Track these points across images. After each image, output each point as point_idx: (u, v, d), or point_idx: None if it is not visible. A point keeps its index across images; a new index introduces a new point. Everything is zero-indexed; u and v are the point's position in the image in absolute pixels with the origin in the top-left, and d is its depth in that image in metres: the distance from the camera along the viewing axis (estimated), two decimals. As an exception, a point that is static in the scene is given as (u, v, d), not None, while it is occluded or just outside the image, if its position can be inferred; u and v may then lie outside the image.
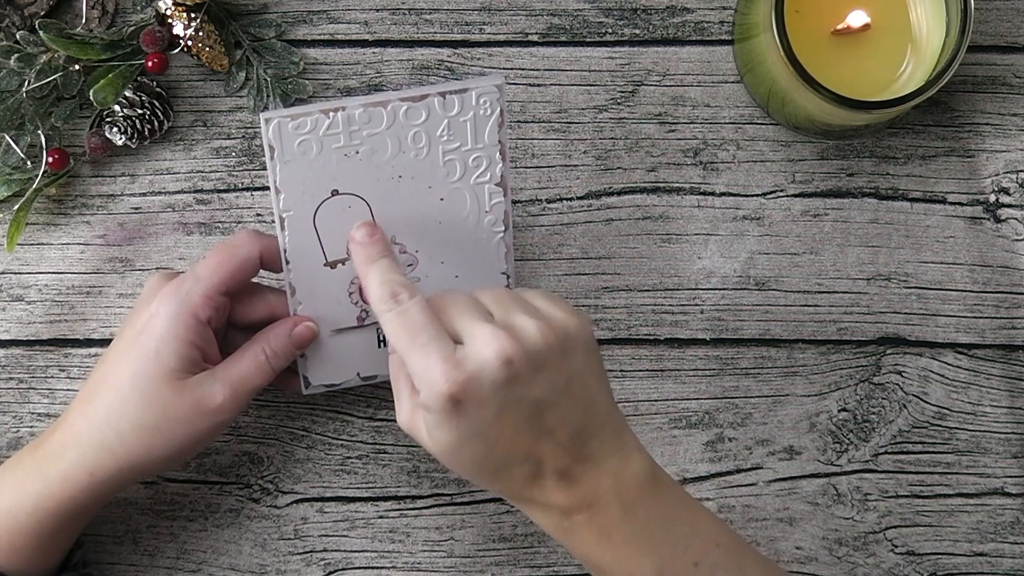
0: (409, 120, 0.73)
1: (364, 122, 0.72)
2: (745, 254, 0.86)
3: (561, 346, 0.67)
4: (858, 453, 0.86)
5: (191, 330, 0.73)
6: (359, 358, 0.79)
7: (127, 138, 0.82)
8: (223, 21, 0.84)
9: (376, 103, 0.72)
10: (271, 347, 0.75)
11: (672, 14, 0.86)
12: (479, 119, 0.74)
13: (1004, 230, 0.86)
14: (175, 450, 0.73)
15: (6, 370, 0.84)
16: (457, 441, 0.66)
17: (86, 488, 0.73)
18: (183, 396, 0.72)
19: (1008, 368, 0.86)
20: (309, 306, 0.77)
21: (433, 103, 0.73)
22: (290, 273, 0.76)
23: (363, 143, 0.73)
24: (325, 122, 0.72)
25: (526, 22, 0.86)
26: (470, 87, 0.73)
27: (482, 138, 0.74)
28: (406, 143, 0.74)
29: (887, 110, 0.78)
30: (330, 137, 0.73)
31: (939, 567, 0.85)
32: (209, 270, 0.74)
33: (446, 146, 0.74)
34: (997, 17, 0.87)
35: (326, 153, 0.73)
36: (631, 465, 0.68)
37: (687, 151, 0.86)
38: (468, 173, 0.75)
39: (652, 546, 0.68)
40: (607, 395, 0.69)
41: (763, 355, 0.86)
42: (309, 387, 0.79)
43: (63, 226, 0.84)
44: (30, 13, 0.83)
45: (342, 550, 0.84)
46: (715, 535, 0.70)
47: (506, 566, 0.85)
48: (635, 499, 0.68)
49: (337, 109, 0.72)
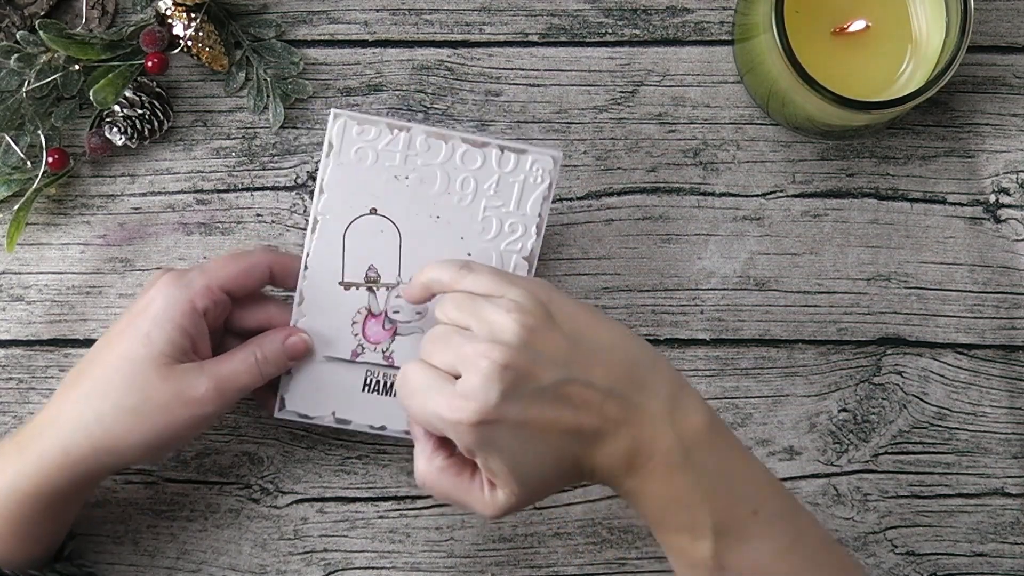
0: (464, 163, 0.75)
1: (423, 150, 0.74)
2: (745, 254, 0.86)
3: (541, 320, 0.67)
4: (858, 453, 0.86)
5: (186, 316, 0.72)
6: (340, 397, 0.78)
7: (127, 138, 0.82)
8: (223, 21, 0.84)
9: (439, 135, 0.74)
10: (263, 351, 0.75)
11: (672, 14, 0.86)
12: (528, 185, 0.75)
13: (1004, 230, 0.86)
14: (153, 438, 0.72)
15: (6, 370, 0.84)
16: (512, 460, 0.67)
17: (62, 468, 0.72)
18: (167, 382, 0.72)
19: (1008, 368, 0.86)
20: (312, 320, 0.77)
21: (491, 153, 0.75)
22: (304, 280, 0.76)
23: (415, 171, 0.75)
24: (387, 137, 0.74)
25: (526, 22, 0.86)
26: (529, 150, 0.75)
27: (525, 205, 0.76)
28: (454, 185, 0.75)
29: (887, 110, 0.78)
30: (387, 154, 0.74)
31: (939, 567, 0.85)
32: (216, 264, 0.74)
33: (490, 201, 0.75)
34: (997, 17, 0.87)
35: (378, 169, 0.74)
36: (686, 413, 0.68)
37: (687, 151, 0.86)
38: (502, 236, 0.76)
39: (712, 493, 0.68)
40: (622, 340, 0.69)
41: (763, 355, 0.86)
42: (282, 410, 0.78)
43: (63, 226, 0.84)
44: (30, 13, 0.83)
45: (342, 550, 0.84)
46: (770, 484, 0.70)
47: (506, 566, 0.85)
48: (693, 446, 0.68)
49: (403, 128, 0.74)
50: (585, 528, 0.85)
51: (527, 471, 0.68)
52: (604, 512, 0.85)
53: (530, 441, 0.67)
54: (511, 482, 0.68)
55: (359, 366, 0.78)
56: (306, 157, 0.85)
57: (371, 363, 0.78)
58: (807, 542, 0.70)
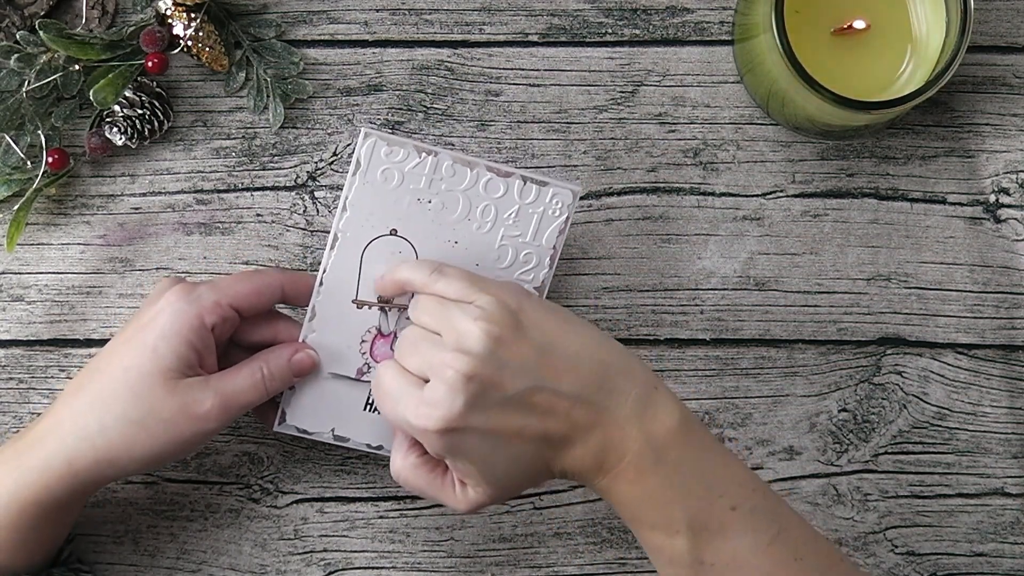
0: (487, 192, 0.75)
1: (448, 175, 0.75)
2: (745, 254, 0.86)
3: (509, 328, 0.68)
4: (858, 453, 0.86)
5: (194, 331, 0.72)
6: (341, 414, 0.78)
7: (127, 138, 0.82)
8: (223, 21, 0.84)
9: (465, 162, 0.74)
10: (269, 368, 0.74)
11: (672, 14, 0.86)
12: (546, 217, 0.76)
13: (1004, 230, 0.86)
14: (155, 451, 0.72)
15: (6, 370, 0.84)
16: (481, 464, 0.68)
17: (63, 478, 0.72)
18: (172, 397, 0.72)
19: (1008, 368, 0.86)
20: (321, 336, 0.77)
21: (513, 184, 0.75)
22: (318, 296, 0.76)
23: (439, 195, 0.75)
24: (415, 160, 0.74)
25: (526, 22, 0.86)
26: (550, 183, 0.75)
27: (541, 237, 0.76)
28: (475, 212, 0.75)
29: (887, 110, 0.78)
30: (413, 176, 0.75)
31: (939, 567, 0.85)
32: (227, 281, 0.75)
33: (508, 230, 0.76)
34: (997, 17, 0.87)
35: (402, 191, 0.75)
36: (656, 413, 0.69)
37: (687, 151, 0.86)
38: (516, 266, 0.77)
39: (687, 491, 0.68)
40: (591, 345, 0.70)
41: (763, 355, 0.86)
42: (283, 423, 0.78)
43: (63, 226, 0.84)
44: (30, 13, 0.83)
45: (342, 550, 0.84)
46: (750, 481, 0.70)
47: (506, 566, 0.85)
48: (665, 445, 0.68)
49: (431, 152, 0.74)
50: (585, 528, 0.85)
51: (497, 473, 0.69)
52: (604, 512, 0.85)
53: (498, 446, 0.68)
54: (481, 482, 0.69)
55: (363, 385, 0.78)
56: (306, 157, 0.85)
57: None
58: (790, 537, 0.70)
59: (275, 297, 0.76)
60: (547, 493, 0.85)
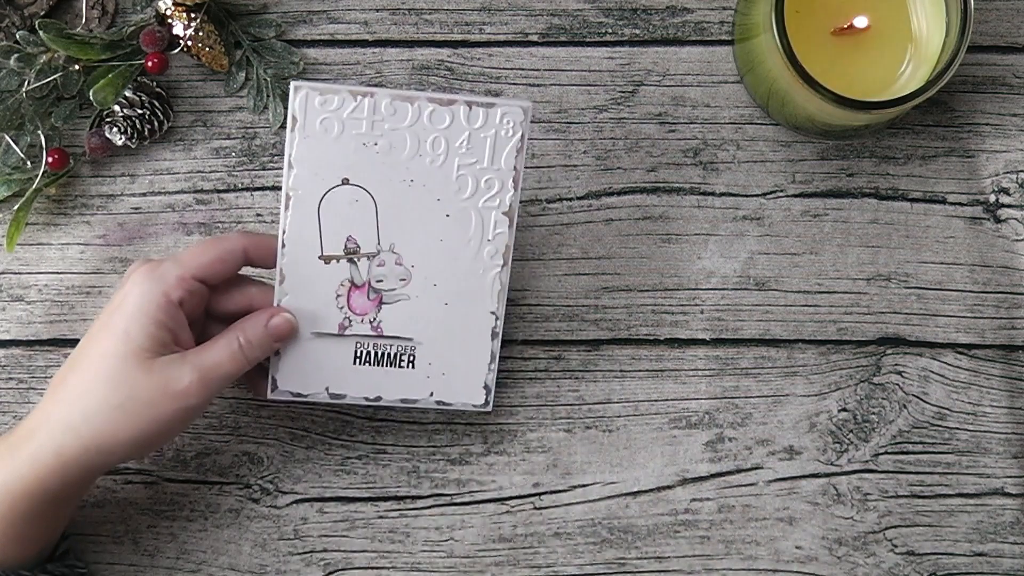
0: (433, 123, 0.73)
1: (389, 114, 0.73)
2: (745, 254, 0.86)
3: None
4: (858, 453, 0.86)
5: (161, 309, 0.72)
6: (332, 371, 0.78)
7: (127, 138, 0.82)
8: (223, 21, 0.84)
9: (404, 97, 0.73)
10: (246, 336, 0.74)
11: (672, 14, 0.86)
12: (500, 139, 0.74)
13: (1004, 230, 0.86)
14: (141, 433, 0.72)
15: (6, 370, 0.84)
16: None
17: (53, 470, 0.72)
18: (150, 377, 0.71)
19: (1008, 368, 0.86)
20: (295, 298, 0.76)
21: (459, 111, 0.73)
22: (283, 258, 0.75)
23: (384, 136, 0.73)
24: (351, 105, 0.72)
25: (526, 22, 0.86)
26: (497, 103, 0.73)
27: (499, 160, 0.75)
28: (425, 147, 0.74)
29: (887, 110, 0.78)
30: (353, 122, 0.73)
31: (939, 567, 0.85)
32: (188, 254, 0.74)
33: (463, 159, 0.74)
34: (997, 17, 0.87)
35: (345, 138, 0.73)
36: None
37: (687, 151, 0.86)
38: (479, 193, 0.75)
39: None
40: None
41: (763, 355, 0.86)
42: (275, 390, 0.78)
43: (63, 226, 0.84)
44: (30, 13, 0.83)
45: (342, 550, 0.84)
46: None
47: (506, 566, 0.85)
48: None
49: (366, 94, 0.72)
50: (585, 528, 0.85)
51: None
52: (604, 512, 0.85)
53: None
54: None
55: (348, 339, 0.77)
56: (306, 157, 0.85)
57: (360, 335, 0.77)
58: None
59: (239, 262, 0.75)
60: (547, 493, 0.85)
